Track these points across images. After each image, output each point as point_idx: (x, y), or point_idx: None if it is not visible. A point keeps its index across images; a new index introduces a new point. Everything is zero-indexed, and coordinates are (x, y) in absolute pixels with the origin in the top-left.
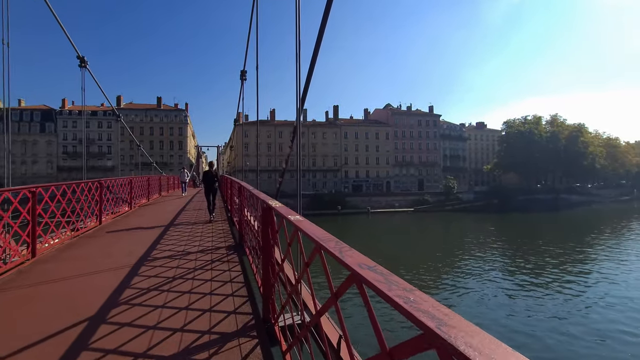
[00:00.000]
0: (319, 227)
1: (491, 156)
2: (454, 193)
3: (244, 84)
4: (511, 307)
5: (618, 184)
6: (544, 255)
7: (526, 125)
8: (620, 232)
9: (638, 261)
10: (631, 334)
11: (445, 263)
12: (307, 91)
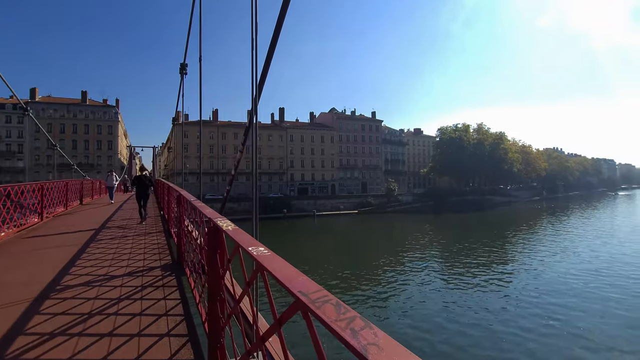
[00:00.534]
0: (289, 264)
1: (427, 160)
2: (395, 195)
3: (184, 79)
4: (443, 300)
5: (530, 186)
6: (473, 251)
7: (457, 132)
8: (534, 228)
9: (548, 252)
10: (549, 325)
11: (387, 262)
12: (261, 93)
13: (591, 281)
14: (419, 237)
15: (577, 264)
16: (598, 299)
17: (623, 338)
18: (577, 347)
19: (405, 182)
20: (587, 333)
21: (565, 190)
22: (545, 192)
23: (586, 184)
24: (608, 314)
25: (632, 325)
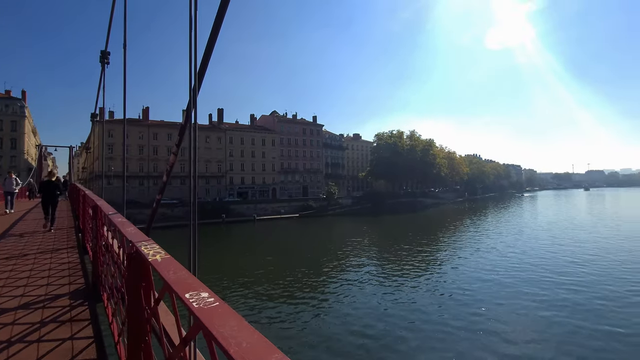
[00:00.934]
0: (250, 327)
1: (365, 164)
2: (335, 199)
3: (106, 69)
4: (379, 300)
5: (454, 189)
6: (408, 251)
7: (392, 138)
8: (460, 227)
9: (473, 249)
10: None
11: (327, 265)
12: (201, 83)
13: (509, 274)
14: (358, 239)
15: (496, 259)
16: (515, 291)
17: (542, 331)
18: (501, 342)
19: (345, 186)
20: (507, 327)
21: (483, 192)
22: (467, 194)
23: (499, 187)
24: (523, 306)
25: (547, 317)
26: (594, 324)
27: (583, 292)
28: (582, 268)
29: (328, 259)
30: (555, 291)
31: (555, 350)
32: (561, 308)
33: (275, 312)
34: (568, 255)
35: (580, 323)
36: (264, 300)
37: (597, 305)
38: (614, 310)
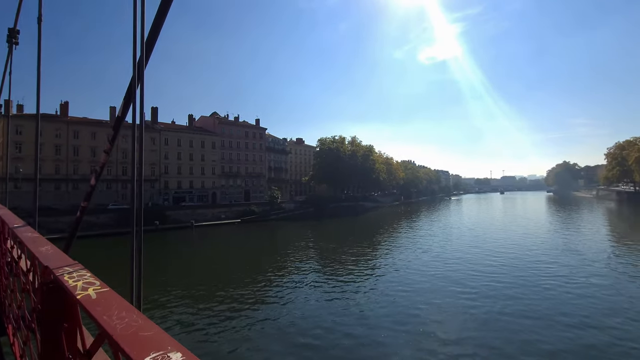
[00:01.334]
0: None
1: (308, 169)
2: (278, 203)
3: (14, 50)
4: (321, 304)
5: (392, 193)
6: (350, 253)
7: (334, 143)
8: (398, 229)
9: (410, 249)
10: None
11: (269, 271)
12: (149, 57)
13: (443, 272)
14: (301, 243)
15: (431, 259)
16: (448, 289)
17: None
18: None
19: (288, 190)
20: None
21: (417, 195)
22: (403, 198)
23: (431, 191)
24: (451, 304)
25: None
26: (517, 310)
27: (505, 283)
28: (503, 260)
29: (271, 265)
30: (484, 284)
31: (489, 341)
32: (488, 299)
33: (216, 328)
34: (490, 251)
35: (506, 310)
36: (202, 315)
37: (517, 293)
38: (530, 297)
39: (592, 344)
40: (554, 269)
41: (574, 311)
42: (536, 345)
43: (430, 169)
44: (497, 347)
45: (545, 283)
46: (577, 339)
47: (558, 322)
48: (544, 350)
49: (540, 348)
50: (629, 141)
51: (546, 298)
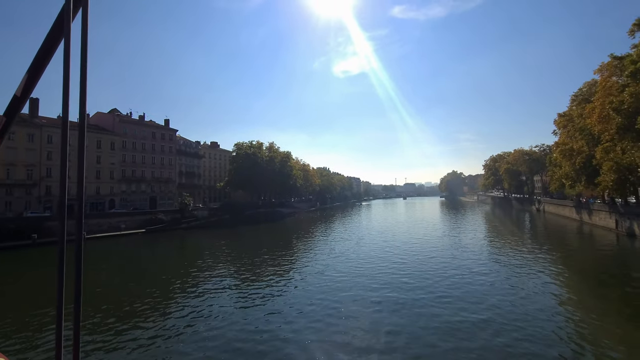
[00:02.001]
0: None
1: (224, 174)
2: (190, 210)
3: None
4: (237, 315)
5: (308, 199)
6: (266, 261)
7: (252, 148)
8: (315, 234)
9: (323, 254)
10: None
11: (177, 284)
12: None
13: (356, 274)
14: (215, 252)
15: (345, 261)
16: (362, 288)
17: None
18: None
19: (201, 196)
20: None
21: (332, 201)
22: (319, 204)
23: (344, 197)
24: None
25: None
26: (422, 299)
27: (412, 277)
28: (408, 257)
29: (179, 279)
30: (393, 279)
31: (398, 340)
32: (396, 292)
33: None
34: (396, 250)
35: (415, 301)
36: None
37: (421, 285)
38: (433, 287)
39: (483, 319)
40: (446, 261)
41: (466, 293)
42: (439, 325)
43: (344, 176)
44: (412, 333)
45: (441, 273)
46: (472, 315)
47: (454, 304)
48: (445, 327)
49: (442, 327)
50: (500, 155)
51: (442, 285)
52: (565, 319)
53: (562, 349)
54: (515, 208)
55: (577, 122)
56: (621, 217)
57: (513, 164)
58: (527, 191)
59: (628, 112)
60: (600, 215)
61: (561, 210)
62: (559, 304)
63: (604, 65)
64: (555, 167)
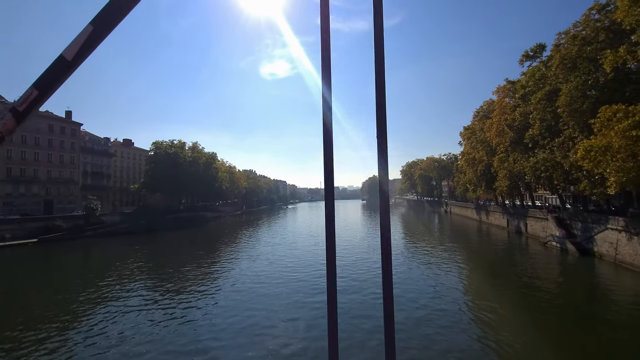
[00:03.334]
0: None
1: (139, 175)
2: (97, 216)
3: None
4: (154, 328)
5: (234, 202)
6: (187, 268)
7: (173, 148)
8: (239, 239)
9: (249, 258)
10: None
11: (78, 304)
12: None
13: (280, 280)
14: (127, 263)
15: (269, 268)
16: (287, 294)
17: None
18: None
19: (111, 200)
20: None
21: (258, 205)
22: (245, 207)
23: (270, 200)
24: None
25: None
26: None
27: (345, 285)
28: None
29: (77, 297)
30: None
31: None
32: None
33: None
34: (321, 253)
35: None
36: None
37: (346, 284)
38: (356, 283)
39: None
40: (366, 258)
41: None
42: (362, 317)
43: (270, 179)
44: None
45: (362, 271)
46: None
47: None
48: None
49: (366, 319)
50: (415, 161)
51: (362, 279)
52: (469, 308)
53: (471, 333)
54: (427, 210)
55: (478, 135)
56: (511, 217)
57: (425, 170)
58: (437, 194)
59: (518, 128)
60: (495, 216)
61: (464, 212)
62: (464, 294)
63: (500, 88)
64: (460, 174)
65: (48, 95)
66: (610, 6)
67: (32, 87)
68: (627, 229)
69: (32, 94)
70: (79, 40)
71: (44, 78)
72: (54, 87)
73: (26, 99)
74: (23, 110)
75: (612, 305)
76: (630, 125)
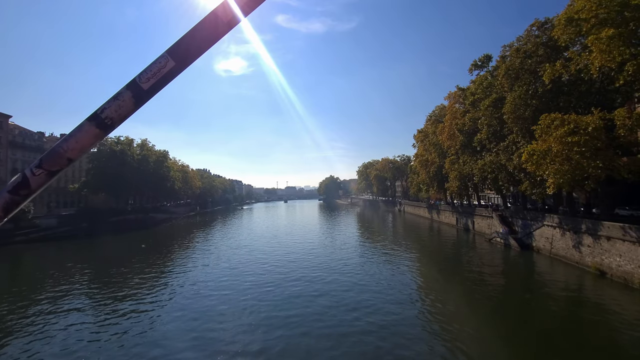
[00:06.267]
0: None
1: (79, 174)
2: (30, 219)
3: None
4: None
5: (187, 203)
6: (133, 276)
7: (119, 145)
8: (191, 241)
9: (202, 262)
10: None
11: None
12: None
13: (236, 285)
14: (63, 272)
15: (223, 270)
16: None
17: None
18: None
19: (45, 201)
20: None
21: (213, 205)
22: (199, 208)
23: (226, 200)
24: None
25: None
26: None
27: (293, 276)
28: (288, 259)
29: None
30: (274, 279)
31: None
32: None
33: None
34: (276, 254)
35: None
36: None
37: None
38: (315, 280)
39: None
40: (323, 258)
41: (340, 282)
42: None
43: (226, 179)
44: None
45: (320, 270)
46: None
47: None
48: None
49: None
50: (370, 162)
51: (320, 278)
52: (420, 300)
53: (422, 324)
54: (382, 209)
55: (431, 137)
56: (460, 215)
57: (381, 170)
58: (391, 194)
59: (468, 132)
60: (445, 214)
61: (417, 211)
62: (416, 288)
63: (451, 94)
64: (414, 175)
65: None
66: (548, 24)
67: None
68: (560, 225)
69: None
70: (158, 72)
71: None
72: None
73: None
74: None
75: (547, 294)
76: (566, 132)
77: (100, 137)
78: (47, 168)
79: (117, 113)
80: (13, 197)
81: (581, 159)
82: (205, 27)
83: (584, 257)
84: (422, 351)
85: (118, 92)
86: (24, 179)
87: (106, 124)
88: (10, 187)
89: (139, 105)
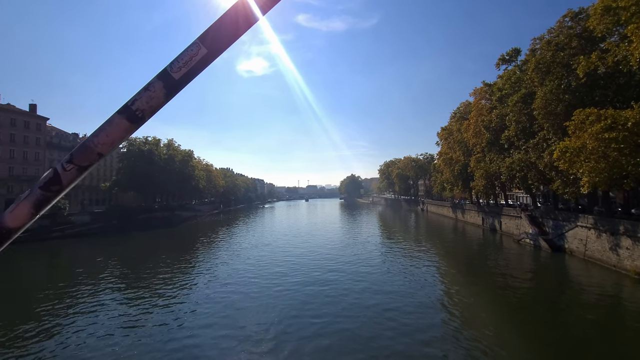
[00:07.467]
0: None
1: (109, 173)
2: (65, 216)
3: None
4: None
5: (211, 201)
6: (161, 271)
7: (147, 145)
8: (216, 240)
9: (226, 259)
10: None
11: (41, 315)
12: None
13: (260, 282)
14: (98, 267)
15: (249, 266)
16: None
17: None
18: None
19: (79, 199)
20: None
21: (235, 203)
22: (222, 206)
23: (248, 199)
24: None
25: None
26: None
27: (315, 276)
28: (311, 258)
29: (50, 302)
30: (298, 279)
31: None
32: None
33: None
34: (298, 252)
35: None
36: None
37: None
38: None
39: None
40: (347, 258)
41: (362, 281)
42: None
43: (248, 177)
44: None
45: (343, 269)
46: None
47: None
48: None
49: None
50: (392, 161)
51: (343, 275)
52: (446, 303)
53: (447, 327)
54: (404, 208)
55: (455, 135)
56: (486, 215)
57: (403, 169)
58: (413, 193)
59: (495, 129)
60: (470, 214)
61: (441, 210)
62: (441, 291)
63: (477, 90)
64: (437, 173)
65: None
66: (582, 14)
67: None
68: (596, 226)
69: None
70: (190, 60)
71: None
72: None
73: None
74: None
75: (582, 300)
76: (603, 128)
77: (130, 131)
78: (77, 163)
79: (148, 105)
80: (44, 193)
81: (619, 156)
82: (231, 16)
83: (622, 261)
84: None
85: (149, 82)
86: (55, 174)
87: (137, 117)
88: (41, 183)
89: (170, 96)
